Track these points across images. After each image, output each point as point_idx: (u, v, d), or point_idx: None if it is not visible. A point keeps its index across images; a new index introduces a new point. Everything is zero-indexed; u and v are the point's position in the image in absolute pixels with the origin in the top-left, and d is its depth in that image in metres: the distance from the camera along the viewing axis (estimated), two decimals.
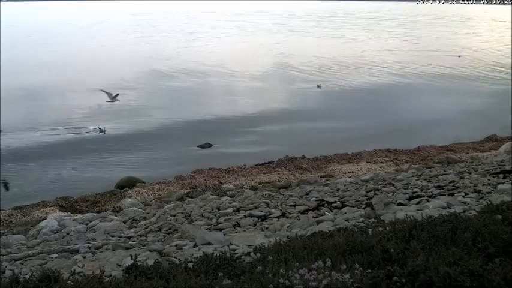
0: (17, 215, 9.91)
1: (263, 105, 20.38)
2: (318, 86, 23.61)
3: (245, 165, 13.16)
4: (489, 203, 4.59)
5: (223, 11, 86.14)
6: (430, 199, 7.39)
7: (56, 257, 6.48)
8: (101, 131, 15.60)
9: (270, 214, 8.02)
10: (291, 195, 9.26)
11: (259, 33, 51.69)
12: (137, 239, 7.42)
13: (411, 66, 30.48)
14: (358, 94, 22.76)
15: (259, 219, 7.80)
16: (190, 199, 10.16)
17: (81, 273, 3.86)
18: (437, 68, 29.52)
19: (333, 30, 55.14)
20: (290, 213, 7.96)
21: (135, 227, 8.37)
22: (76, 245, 7.06)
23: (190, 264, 3.74)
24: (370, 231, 4.06)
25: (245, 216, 7.96)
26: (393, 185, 8.96)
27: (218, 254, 3.91)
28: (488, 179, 8.21)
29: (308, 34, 49.94)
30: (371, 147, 14.35)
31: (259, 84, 25.26)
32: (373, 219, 5.89)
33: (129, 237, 7.55)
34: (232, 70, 28.93)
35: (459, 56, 33.43)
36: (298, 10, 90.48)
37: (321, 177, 11.80)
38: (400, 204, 7.35)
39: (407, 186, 8.61)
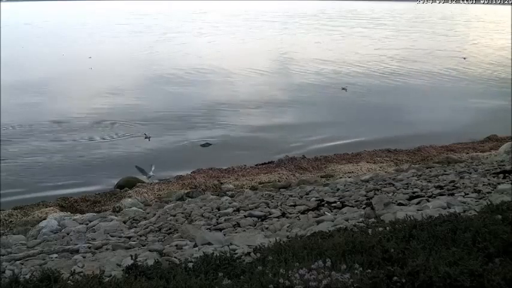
0: (17, 215, 9.89)
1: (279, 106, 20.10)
2: (343, 89, 22.72)
3: (245, 165, 13.14)
4: (489, 203, 4.60)
5: (224, 11, 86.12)
6: (430, 199, 7.38)
7: (56, 257, 6.46)
8: (146, 137, 15.55)
9: (270, 214, 8.01)
10: (291, 195, 9.25)
11: (266, 33, 51.51)
12: (137, 239, 7.41)
13: (414, 67, 30.45)
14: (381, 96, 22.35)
15: (259, 219, 7.80)
16: (190, 199, 10.15)
17: (81, 273, 3.87)
18: (442, 70, 29.46)
19: (342, 30, 54.95)
20: (290, 213, 7.95)
21: (135, 227, 8.36)
22: (76, 245, 7.05)
23: (190, 264, 3.75)
24: (370, 231, 4.07)
25: (245, 216, 7.95)
26: (393, 185, 8.96)
27: (218, 254, 3.92)
28: (488, 179, 8.21)
29: (316, 35, 49.75)
30: (371, 147, 14.35)
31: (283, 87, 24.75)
32: (373, 219, 5.90)
33: (129, 237, 7.54)
34: (248, 71, 28.63)
35: (464, 58, 33.37)
36: (300, 10, 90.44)
37: (321, 177, 11.78)
38: (400, 204, 7.34)
39: (407, 186, 8.60)
